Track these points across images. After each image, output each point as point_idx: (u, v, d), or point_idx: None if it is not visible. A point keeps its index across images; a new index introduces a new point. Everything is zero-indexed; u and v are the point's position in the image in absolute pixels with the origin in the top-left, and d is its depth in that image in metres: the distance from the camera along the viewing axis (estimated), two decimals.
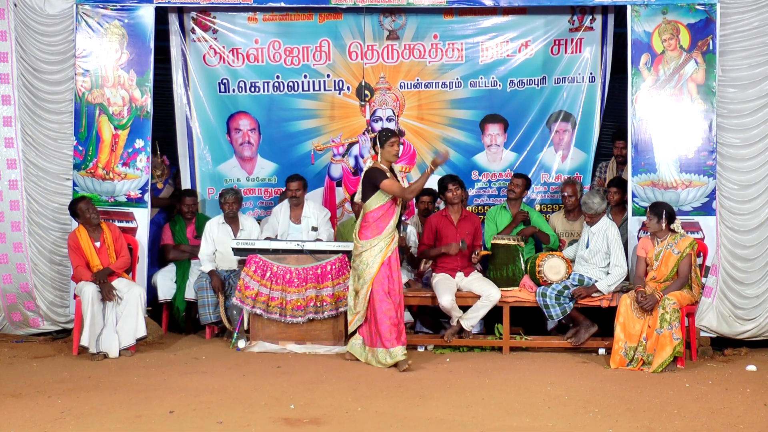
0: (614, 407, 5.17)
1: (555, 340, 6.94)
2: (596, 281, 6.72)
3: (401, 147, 6.62)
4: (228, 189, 7.73)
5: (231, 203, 7.54)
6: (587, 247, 6.87)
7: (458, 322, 6.81)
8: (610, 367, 6.30)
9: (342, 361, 6.50)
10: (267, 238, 7.39)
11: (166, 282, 7.64)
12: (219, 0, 7.46)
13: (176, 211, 8.01)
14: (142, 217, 7.36)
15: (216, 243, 7.54)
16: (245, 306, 6.94)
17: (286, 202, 7.77)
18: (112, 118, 7.35)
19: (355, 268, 6.40)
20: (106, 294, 6.66)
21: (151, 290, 7.63)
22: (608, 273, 6.75)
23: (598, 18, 7.94)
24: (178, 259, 7.77)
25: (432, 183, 8.00)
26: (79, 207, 6.85)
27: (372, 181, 6.27)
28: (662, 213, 6.54)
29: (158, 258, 7.86)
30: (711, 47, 7.01)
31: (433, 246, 7.06)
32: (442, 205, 7.49)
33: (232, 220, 7.59)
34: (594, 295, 6.70)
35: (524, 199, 7.87)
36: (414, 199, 8.02)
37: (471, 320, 6.80)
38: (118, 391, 5.55)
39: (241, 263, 7.18)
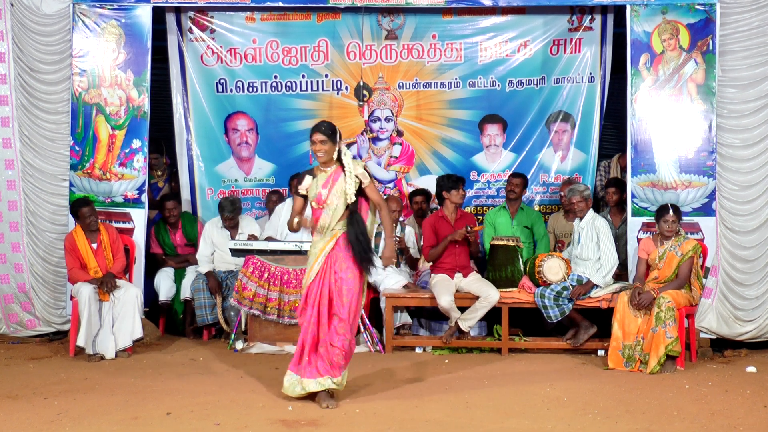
0: (613, 409, 5.15)
1: (554, 341, 6.91)
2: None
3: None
4: (226, 203, 7.56)
5: (230, 219, 7.48)
6: (579, 243, 6.85)
7: (456, 323, 6.79)
8: (607, 366, 6.27)
9: None
10: (268, 238, 7.36)
11: (167, 283, 7.62)
12: (216, 0, 7.43)
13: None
14: (139, 218, 7.33)
15: (214, 245, 7.52)
16: (243, 307, 6.91)
17: (289, 201, 7.73)
18: (109, 118, 7.32)
19: None
20: (109, 287, 6.64)
21: (151, 292, 7.60)
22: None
23: (598, 18, 7.93)
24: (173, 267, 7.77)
25: (427, 183, 7.99)
26: (81, 211, 6.82)
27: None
28: (681, 215, 6.55)
29: (148, 266, 7.80)
30: (711, 47, 6.99)
31: (432, 245, 7.01)
32: (433, 205, 7.46)
33: (233, 228, 7.54)
34: (592, 294, 6.67)
35: (523, 199, 7.86)
36: (408, 200, 8.01)
37: (469, 321, 6.78)
38: (114, 393, 5.52)
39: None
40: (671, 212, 6.50)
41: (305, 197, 5.34)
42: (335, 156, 5.29)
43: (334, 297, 5.21)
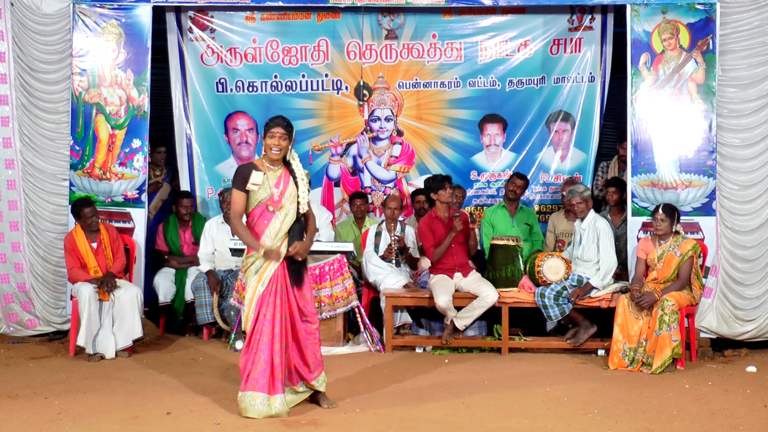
0: (614, 408, 5.15)
1: (554, 341, 6.91)
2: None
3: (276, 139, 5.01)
4: (228, 189, 7.67)
5: (230, 204, 7.50)
6: (580, 244, 6.85)
7: (452, 321, 6.78)
8: (608, 368, 6.27)
9: (339, 361, 6.46)
10: None
11: (166, 284, 7.61)
12: (216, 0, 7.45)
13: (171, 213, 7.98)
14: (140, 218, 7.33)
15: (215, 242, 7.52)
16: (243, 306, 6.89)
17: None
18: (109, 117, 7.32)
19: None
20: (109, 287, 6.63)
21: (152, 292, 7.60)
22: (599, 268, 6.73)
23: (598, 17, 7.93)
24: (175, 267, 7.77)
25: (422, 182, 7.99)
26: (83, 211, 6.81)
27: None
28: (674, 214, 6.53)
29: (152, 263, 7.82)
30: (711, 47, 6.98)
31: (434, 244, 6.98)
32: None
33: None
34: (592, 293, 6.67)
35: (523, 199, 7.86)
36: (410, 199, 8.01)
37: (464, 320, 6.77)
38: (114, 392, 5.52)
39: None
40: (660, 211, 6.52)
41: (247, 192, 4.98)
42: (287, 156, 5.08)
43: (298, 304, 5.06)
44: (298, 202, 5.04)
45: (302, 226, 5.10)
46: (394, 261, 7.42)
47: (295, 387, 5.12)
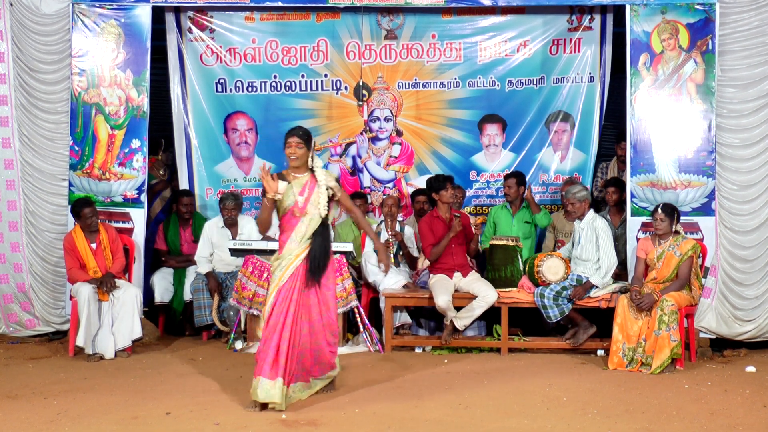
0: (613, 408, 5.15)
1: (553, 341, 6.91)
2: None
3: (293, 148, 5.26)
4: (228, 195, 7.61)
5: (231, 209, 7.49)
6: (579, 243, 6.85)
7: (452, 321, 6.78)
8: (608, 368, 6.27)
9: (339, 361, 6.45)
10: (266, 237, 7.35)
11: (163, 284, 7.61)
12: (216, 0, 7.43)
13: (172, 213, 7.99)
14: (139, 218, 7.33)
15: (214, 246, 7.50)
16: (242, 307, 6.91)
17: None
18: (109, 118, 7.32)
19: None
20: (109, 287, 6.63)
21: (148, 292, 7.59)
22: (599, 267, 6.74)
23: (597, 18, 7.93)
24: (173, 267, 7.77)
25: (421, 182, 7.99)
26: (83, 211, 6.81)
27: None
28: (674, 214, 6.53)
29: (151, 261, 7.81)
30: (710, 47, 6.99)
31: (433, 244, 6.98)
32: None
33: (232, 225, 7.55)
34: (592, 293, 6.67)
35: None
36: (410, 199, 8.01)
37: (464, 320, 6.77)
38: (114, 393, 5.52)
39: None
40: (660, 211, 6.53)
41: (274, 201, 5.23)
42: (309, 163, 5.31)
43: (317, 305, 5.26)
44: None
45: (327, 227, 5.35)
46: (391, 261, 7.40)
47: (308, 383, 5.35)
